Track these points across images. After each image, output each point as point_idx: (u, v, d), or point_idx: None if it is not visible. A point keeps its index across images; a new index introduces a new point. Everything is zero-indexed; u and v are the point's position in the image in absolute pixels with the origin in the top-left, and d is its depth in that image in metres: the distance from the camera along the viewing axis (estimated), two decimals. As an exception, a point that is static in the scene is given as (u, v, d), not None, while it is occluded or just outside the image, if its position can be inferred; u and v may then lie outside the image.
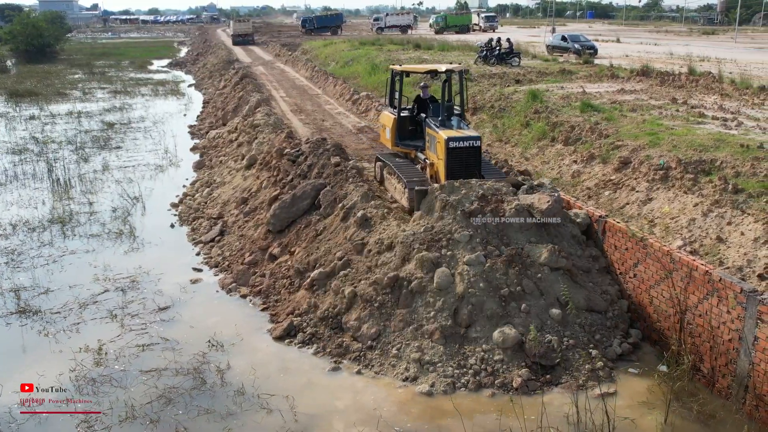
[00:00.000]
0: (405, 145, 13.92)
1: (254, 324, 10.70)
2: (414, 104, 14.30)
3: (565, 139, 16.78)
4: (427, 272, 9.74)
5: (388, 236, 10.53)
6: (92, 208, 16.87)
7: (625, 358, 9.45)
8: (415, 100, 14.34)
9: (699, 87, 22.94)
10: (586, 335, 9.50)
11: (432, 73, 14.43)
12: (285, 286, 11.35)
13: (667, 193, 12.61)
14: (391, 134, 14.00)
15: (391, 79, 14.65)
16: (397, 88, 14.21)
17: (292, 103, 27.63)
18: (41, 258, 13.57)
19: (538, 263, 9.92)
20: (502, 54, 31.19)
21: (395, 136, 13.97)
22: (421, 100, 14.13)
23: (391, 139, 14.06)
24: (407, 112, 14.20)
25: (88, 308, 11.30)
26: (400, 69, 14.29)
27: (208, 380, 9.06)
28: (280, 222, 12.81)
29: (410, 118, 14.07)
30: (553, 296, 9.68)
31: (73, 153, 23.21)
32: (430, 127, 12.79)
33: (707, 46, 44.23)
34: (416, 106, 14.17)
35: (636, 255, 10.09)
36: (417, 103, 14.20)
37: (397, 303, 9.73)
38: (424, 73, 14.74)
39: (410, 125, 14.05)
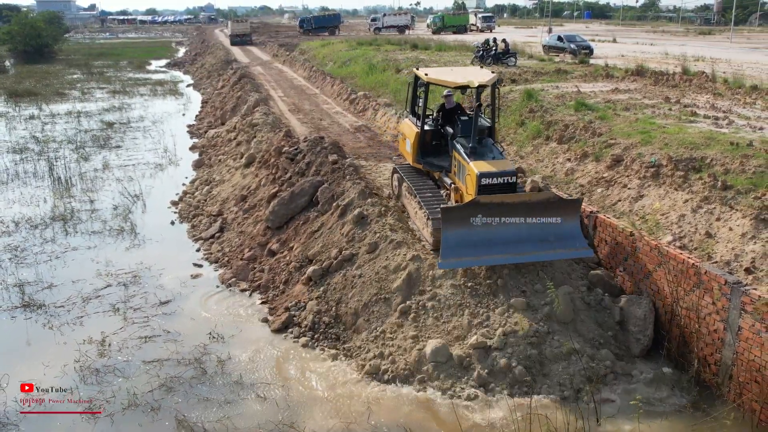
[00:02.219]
0: (428, 164, 12.41)
1: (253, 317, 10.97)
2: (438, 113, 12.69)
3: (560, 138, 17.02)
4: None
5: (396, 264, 10.52)
6: (93, 206, 17.11)
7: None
8: (439, 110, 12.72)
9: (692, 86, 23.17)
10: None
11: (462, 88, 11.74)
12: (283, 281, 11.61)
13: (658, 189, 12.83)
14: (413, 149, 12.56)
15: (414, 84, 13.06)
16: (421, 96, 12.57)
17: (290, 103, 27.87)
18: (44, 254, 13.81)
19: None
20: (499, 54, 31.45)
21: (417, 152, 12.49)
22: (446, 110, 12.48)
23: (413, 154, 12.59)
24: (430, 122, 12.68)
25: (91, 302, 11.55)
26: (426, 79, 12.09)
27: (208, 370, 9.34)
28: (278, 219, 13.06)
29: (434, 132, 12.57)
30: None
31: (73, 152, 23.43)
32: (458, 152, 11.16)
33: (703, 46, 44.48)
34: (441, 116, 12.54)
35: (626, 249, 10.36)
36: (442, 113, 12.56)
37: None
38: (453, 87, 11.95)
39: (434, 140, 12.62)
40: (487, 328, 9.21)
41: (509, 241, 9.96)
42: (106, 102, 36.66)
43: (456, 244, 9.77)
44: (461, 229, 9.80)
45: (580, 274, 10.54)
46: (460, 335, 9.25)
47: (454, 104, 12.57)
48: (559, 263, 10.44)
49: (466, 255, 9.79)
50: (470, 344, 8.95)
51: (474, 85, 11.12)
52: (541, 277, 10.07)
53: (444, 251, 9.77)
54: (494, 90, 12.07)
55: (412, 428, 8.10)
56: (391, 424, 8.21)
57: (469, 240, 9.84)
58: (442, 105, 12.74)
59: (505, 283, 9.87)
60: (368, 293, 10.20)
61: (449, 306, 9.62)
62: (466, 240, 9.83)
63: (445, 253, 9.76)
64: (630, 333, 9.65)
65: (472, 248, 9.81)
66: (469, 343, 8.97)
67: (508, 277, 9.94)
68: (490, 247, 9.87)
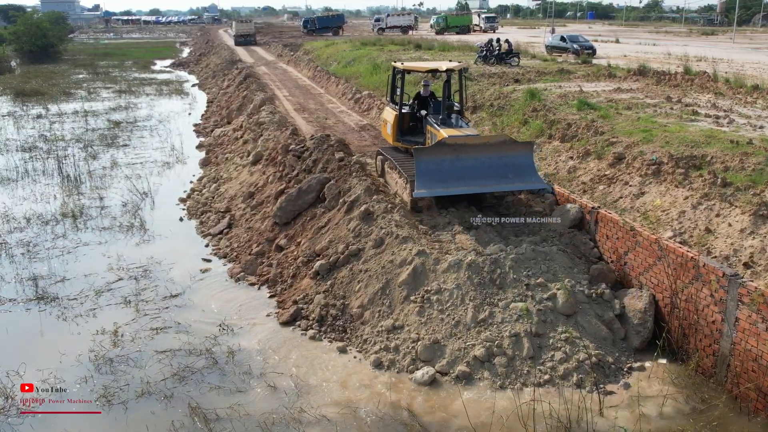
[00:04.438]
0: (406, 141, 14.20)
1: (262, 310, 11.22)
2: (414, 101, 14.67)
3: (562, 136, 17.23)
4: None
5: (401, 258, 10.73)
6: (103, 203, 17.39)
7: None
8: (416, 97, 14.72)
9: (694, 86, 23.33)
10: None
11: (433, 71, 14.61)
12: (291, 275, 11.85)
13: (659, 186, 13.02)
14: (393, 130, 14.38)
15: (393, 76, 15.01)
16: (399, 85, 14.56)
17: (295, 102, 28.12)
18: (56, 249, 14.09)
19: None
20: (502, 54, 31.68)
21: (396, 131, 14.32)
22: (422, 97, 14.52)
23: (393, 135, 14.42)
24: (408, 108, 14.56)
25: (103, 295, 11.82)
26: (402, 67, 14.63)
27: (219, 360, 9.59)
28: (286, 214, 13.32)
29: (411, 114, 14.47)
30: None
31: (81, 150, 23.73)
32: (430, 125, 13.25)
33: (705, 47, 44.63)
34: (417, 103, 14.55)
35: (626, 244, 10.60)
36: (417, 100, 14.59)
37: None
38: (425, 72, 14.94)
39: (411, 121, 14.46)
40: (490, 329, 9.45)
41: (474, 177, 11.73)
42: (112, 101, 36.99)
43: (428, 178, 11.50)
44: (432, 166, 11.54)
45: (583, 269, 10.78)
46: (464, 331, 9.48)
47: (429, 93, 14.65)
48: (562, 258, 10.68)
49: (436, 187, 11.58)
50: (473, 356, 9.18)
51: (442, 69, 13.89)
52: (543, 271, 10.32)
53: (418, 183, 11.49)
54: (461, 77, 14.36)
55: (419, 415, 8.34)
56: (397, 411, 8.45)
57: (440, 175, 11.57)
58: (418, 93, 14.84)
59: (507, 277, 10.12)
60: (374, 287, 10.45)
61: (454, 299, 9.86)
62: (437, 175, 11.56)
63: (419, 184, 11.48)
64: (630, 325, 9.89)
65: (442, 182, 11.60)
66: (472, 354, 9.19)
67: (511, 271, 10.18)
68: (458, 181, 11.65)
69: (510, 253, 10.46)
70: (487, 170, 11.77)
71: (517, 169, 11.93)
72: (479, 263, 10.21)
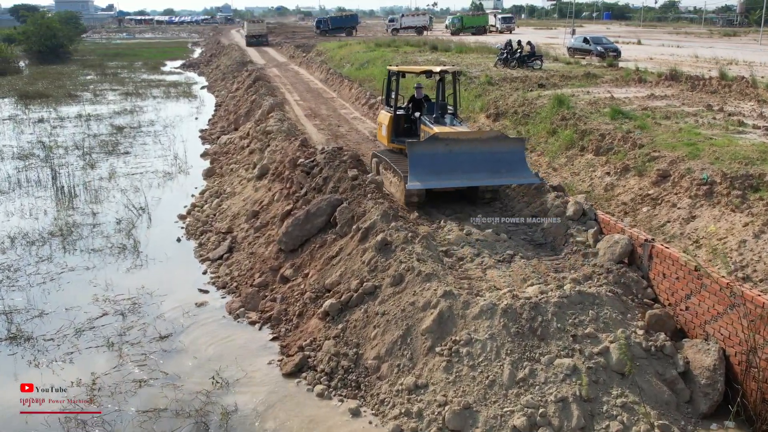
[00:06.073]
0: (400, 142, 14.19)
1: (263, 356, 9.73)
2: (409, 104, 14.95)
3: (596, 149, 15.78)
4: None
5: (425, 300, 9.16)
6: (96, 220, 16.02)
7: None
8: (410, 100, 15.01)
9: (733, 92, 21.86)
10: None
11: (427, 73, 15.06)
12: (297, 314, 10.38)
13: (712, 210, 11.62)
14: (387, 132, 14.64)
15: (388, 79, 15.28)
16: (394, 88, 14.93)
17: (306, 107, 26.73)
18: (38, 275, 12.72)
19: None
20: (524, 57, 30.10)
21: (391, 133, 14.58)
22: (416, 99, 14.78)
23: (387, 136, 14.66)
24: (403, 110, 14.84)
25: (84, 335, 10.39)
26: (396, 69, 15.08)
27: (211, 425, 8.12)
28: (292, 240, 11.85)
29: (405, 116, 14.77)
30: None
31: (79, 159, 22.44)
32: (424, 124, 13.61)
33: (731, 48, 43.05)
34: (411, 106, 14.83)
35: (689, 285, 9.03)
36: (412, 103, 14.87)
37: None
38: (419, 73, 15.54)
39: (405, 123, 14.77)
40: (532, 392, 7.89)
41: (466, 171, 11.91)
42: (117, 105, 35.74)
43: (421, 171, 11.71)
44: (425, 160, 11.75)
45: (636, 314, 9.21)
46: (501, 394, 7.94)
47: (423, 95, 14.87)
48: (612, 301, 9.12)
49: (429, 180, 11.83)
50: (513, 426, 7.59)
51: (436, 71, 14.35)
52: (592, 318, 8.77)
53: (411, 176, 11.71)
54: (455, 79, 14.79)
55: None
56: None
57: (432, 168, 11.79)
58: (412, 96, 15.09)
59: (550, 325, 8.58)
60: (393, 334, 8.93)
61: (487, 353, 8.32)
62: (430, 168, 11.77)
63: (412, 177, 11.71)
64: (697, 386, 8.31)
65: (435, 175, 11.83)
66: (511, 424, 7.60)
67: (554, 318, 8.64)
68: (450, 174, 11.89)
69: (552, 297, 8.90)
70: (480, 164, 11.99)
71: (509, 163, 12.17)
72: (516, 308, 8.67)
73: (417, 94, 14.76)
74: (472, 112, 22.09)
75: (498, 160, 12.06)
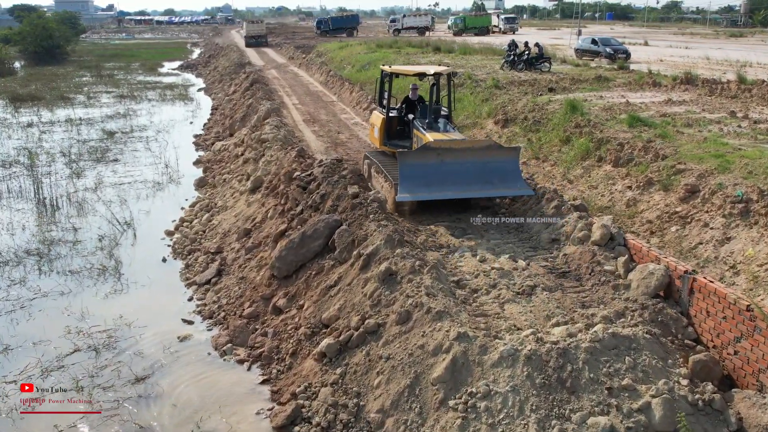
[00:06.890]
0: (392, 145, 13.95)
1: (251, 403, 8.55)
2: (402, 105, 14.46)
3: (615, 160, 14.69)
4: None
5: (435, 343, 7.94)
6: (76, 236, 14.84)
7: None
8: (404, 101, 14.51)
9: (754, 97, 20.85)
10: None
11: (421, 75, 14.98)
12: (290, 352, 9.20)
13: (749, 231, 10.59)
14: (380, 133, 14.23)
15: (381, 80, 14.90)
16: (386, 89, 14.56)
17: (305, 112, 25.57)
18: (8, 302, 11.55)
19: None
20: (532, 59, 28.97)
21: (383, 135, 14.17)
22: (410, 101, 14.28)
23: (379, 138, 14.27)
24: (396, 112, 14.39)
25: (51, 375, 9.22)
26: (389, 70, 14.59)
27: (189, 495, 6.98)
28: (286, 266, 10.67)
29: (398, 118, 14.30)
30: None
31: (66, 167, 21.26)
32: (417, 128, 13.21)
33: (740, 50, 42.03)
34: (405, 107, 14.32)
35: (739, 327, 7.85)
36: (405, 104, 14.37)
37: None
38: (413, 75, 15.29)
39: (398, 125, 14.33)
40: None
41: (458, 182, 11.55)
42: (110, 108, 34.54)
43: (411, 182, 11.33)
44: (416, 170, 11.36)
45: (677, 358, 8.01)
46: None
47: (417, 97, 14.36)
48: (651, 345, 7.94)
49: (420, 192, 11.43)
50: None
51: (430, 73, 13.89)
52: (629, 366, 7.58)
53: (401, 188, 11.36)
54: (450, 81, 14.28)
55: None
56: None
57: (424, 180, 11.42)
58: (406, 96, 14.51)
59: (582, 376, 7.40)
60: (399, 383, 7.74)
61: (509, 408, 7.14)
62: (421, 180, 11.41)
63: (402, 189, 11.35)
64: (752, 447, 7.16)
65: (425, 187, 11.46)
66: None
67: (586, 367, 7.46)
68: (442, 185, 11.52)
69: (583, 341, 7.72)
70: (472, 175, 11.65)
71: (502, 174, 11.86)
72: (542, 355, 7.49)
73: (412, 95, 14.28)
74: (479, 117, 20.96)
75: (491, 170, 11.76)
